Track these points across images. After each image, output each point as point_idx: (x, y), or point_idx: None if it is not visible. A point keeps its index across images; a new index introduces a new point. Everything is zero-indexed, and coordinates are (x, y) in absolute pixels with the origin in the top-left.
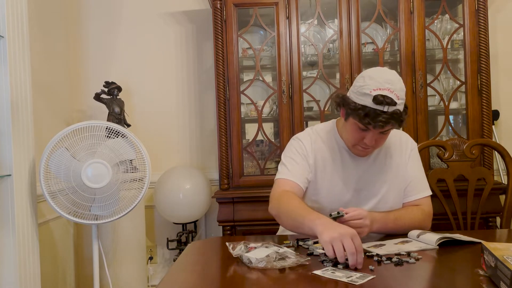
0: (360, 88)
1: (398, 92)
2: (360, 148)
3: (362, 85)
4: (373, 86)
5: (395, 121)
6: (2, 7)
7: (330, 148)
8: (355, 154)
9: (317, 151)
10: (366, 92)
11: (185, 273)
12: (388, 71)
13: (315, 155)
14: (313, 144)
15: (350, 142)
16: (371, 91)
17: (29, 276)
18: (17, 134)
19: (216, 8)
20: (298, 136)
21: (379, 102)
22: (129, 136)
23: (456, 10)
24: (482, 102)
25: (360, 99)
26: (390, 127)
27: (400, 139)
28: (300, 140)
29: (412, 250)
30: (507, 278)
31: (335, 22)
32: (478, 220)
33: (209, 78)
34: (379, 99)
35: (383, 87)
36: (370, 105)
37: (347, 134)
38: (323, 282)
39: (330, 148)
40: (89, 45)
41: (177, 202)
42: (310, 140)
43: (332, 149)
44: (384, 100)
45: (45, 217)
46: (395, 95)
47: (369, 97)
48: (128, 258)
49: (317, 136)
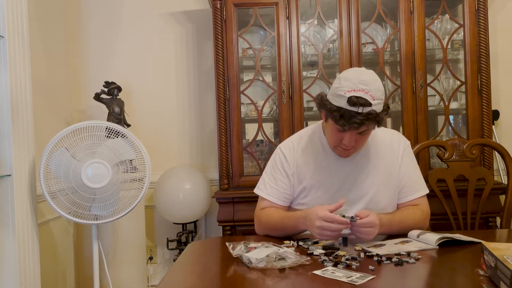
0: (336, 89)
1: (373, 92)
2: (340, 149)
3: (338, 86)
4: (348, 88)
5: (370, 121)
6: (2, 7)
7: (315, 150)
8: (338, 155)
9: (298, 158)
10: (341, 93)
11: (185, 273)
12: (365, 72)
13: (297, 163)
14: (294, 153)
15: (331, 143)
16: (345, 92)
17: (29, 276)
18: (17, 134)
19: (216, 8)
20: (281, 145)
21: (353, 104)
22: (129, 136)
23: (456, 10)
24: (482, 102)
25: (336, 100)
26: (366, 128)
27: (392, 138)
28: (282, 151)
29: (412, 250)
30: (507, 278)
31: (335, 22)
32: (478, 220)
33: (209, 78)
34: (353, 101)
35: (358, 88)
36: (345, 107)
37: (328, 135)
38: (323, 282)
39: (315, 150)
40: (89, 45)
41: (177, 202)
42: (292, 149)
43: (316, 151)
44: (358, 102)
45: (45, 217)
46: (370, 96)
47: (344, 99)
48: (128, 258)
49: (301, 140)
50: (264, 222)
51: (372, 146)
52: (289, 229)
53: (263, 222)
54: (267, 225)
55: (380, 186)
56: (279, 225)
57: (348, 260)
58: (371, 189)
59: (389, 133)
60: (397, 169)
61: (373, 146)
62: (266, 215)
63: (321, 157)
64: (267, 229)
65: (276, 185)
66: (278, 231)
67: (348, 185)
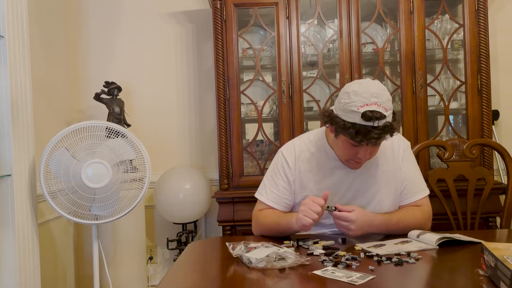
0: (346, 105)
1: (385, 104)
2: (353, 163)
3: (348, 102)
4: (360, 103)
5: (387, 134)
6: (2, 7)
7: (319, 158)
8: (350, 167)
9: (301, 165)
10: (354, 109)
11: (185, 273)
12: (372, 83)
13: (299, 170)
14: (296, 160)
15: (343, 157)
16: (358, 108)
17: (29, 276)
18: (17, 134)
19: (216, 8)
20: (283, 149)
21: (368, 119)
22: (129, 136)
23: (456, 10)
24: (482, 102)
25: (348, 116)
26: (383, 140)
27: (392, 140)
28: (284, 155)
29: (412, 250)
30: (507, 278)
31: (335, 22)
32: (478, 220)
33: (209, 78)
34: (368, 116)
35: (370, 102)
36: (359, 122)
37: (339, 150)
38: (323, 282)
39: (319, 158)
40: (89, 45)
41: (177, 202)
42: (294, 155)
43: (320, 159)
44: (373, 116)
45: (45, 217)
46: (383, 108)
47: (357, 115)
48: (128, 258)
49: (304, 147)
50: (260, 222)
51: None
52: (283, 228)
53: (259, 222)
54: (263, 225)
55: (384, 191)
56: (274, 225)
57: (348, 260)
58: (375, 197)
59: None
60: (398, 170)
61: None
62: (263, 216)
63: (325, 165)
64: (263, 229)
65: (277, 190)
66: (273, 231)
67: (352, 194)
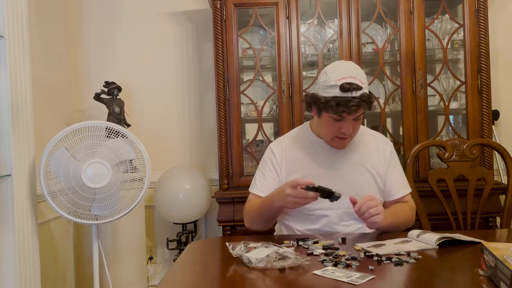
0: (325, 82)
1: (360, 78)
2: (338, 140)
3: (326, 79)
4: (337, 77)
5: (366, 103)
6: (2, 7)
7: (302, 145)
8: (334, 147)
9: (287, 155)
10: (332, 84)
11: (185, 273)
12: (347, 62)
13: (285, 159)
14: (282, 150)
15: (328, 136)
16: (336, 81)
17: (29, 276)
18: (17, 134)
19: (216, 8)
20: (271, 144)
21: (346, 90)
22: (129, 136)
23: (456, 10)
24: (482, 102)
25: (327, 91)
26: (362, 110)
27: (376, 139)
28: (271, 149)
29: (412, 250)
30: (507, 278)
31: (335, 22)
32: (478, 220)
33: (209, 78)
34: (345, 87)
35: (346, 76)
36: (339, 94)
37: (323, 129)
38: (323, 282)
39: (303, 147)
40: (89, 45)
41: (177, 202)
42: (280, 147)
43: (304, 147)
44: (350, 87)
45: (45, 217)
46: (359, 81)
47: (336, 88)
48: (128, 258)
49: (290, 139)
50: (247, 211)
51: (357, 145)
52: (267, 209)
53: (247, 211)
54: (250, 213)
55: (368, 184)
56: (260, 209)
57: (348, 260)
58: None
59: (370, 133)
60: (385, 167)
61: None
62: (250, 205)
63: (309, 151)
64: (252, 218)
65: (265, 180)
66: (260, 216)
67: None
